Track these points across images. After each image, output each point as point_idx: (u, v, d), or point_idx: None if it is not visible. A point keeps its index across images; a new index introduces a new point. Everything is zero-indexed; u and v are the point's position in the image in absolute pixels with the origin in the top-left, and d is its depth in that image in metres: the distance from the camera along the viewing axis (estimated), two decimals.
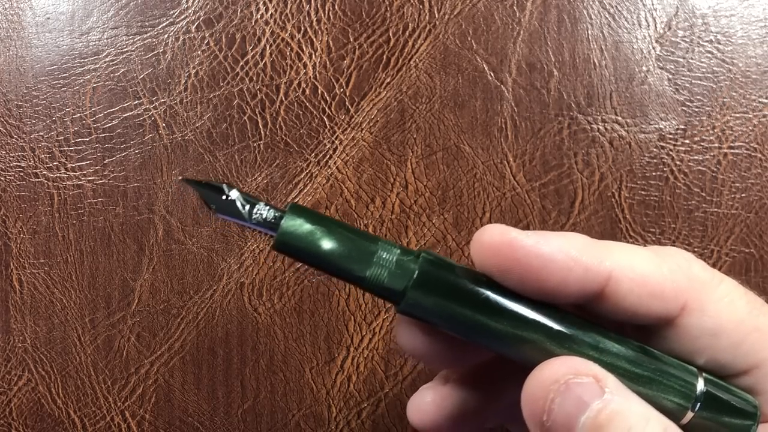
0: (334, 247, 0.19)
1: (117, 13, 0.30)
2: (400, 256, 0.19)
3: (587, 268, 0.19)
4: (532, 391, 0.18)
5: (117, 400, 0.30)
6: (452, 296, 0.19)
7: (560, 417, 0.18)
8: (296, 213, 0.19)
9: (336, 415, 0.30)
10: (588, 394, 0.18)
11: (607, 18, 0.30)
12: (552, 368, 0.18)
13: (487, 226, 0.19)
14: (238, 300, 0.30)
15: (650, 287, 0.20)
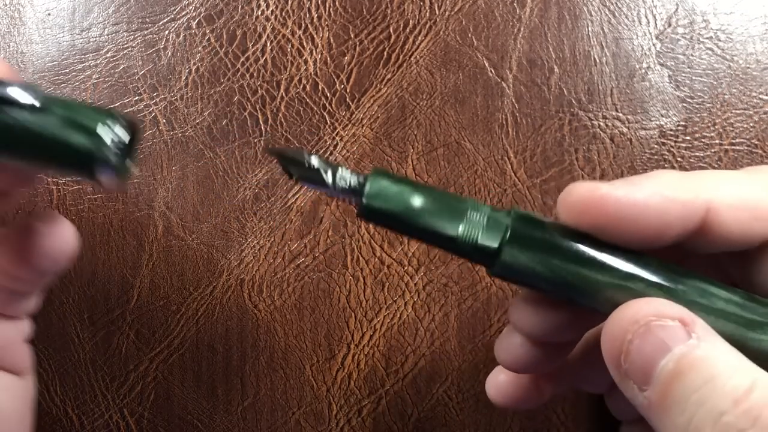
0: (423, 206, 0.18)
1: (118, 9, 0.30)
2: (491, 213, 0.19)
3: (684, 204, 0.18)
4: (611, 332, 0.18)
5: (116, 398, 0.30)
6: (548, 251, 0.18)
7: (638, 360, 0.17)
8: (381, 175, 0.19)
9: (336, 413, 0.29)
10: (671, 338, 0.17)
11: (607, 15, 0.30)
12: (633, 309, 0.17)
13: (573, 185, 0.19)
14: (238, 297, 0.30)
15: (750, 209, 0.19)
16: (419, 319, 0.30)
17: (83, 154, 0.18)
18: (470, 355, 0.29)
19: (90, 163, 0.18)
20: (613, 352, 0.17)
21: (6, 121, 0.18)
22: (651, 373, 0.17)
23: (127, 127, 0.19)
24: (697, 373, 0.16)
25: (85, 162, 0.18)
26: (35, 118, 0.18)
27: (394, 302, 0.30)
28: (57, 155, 0.19)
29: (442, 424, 0.29)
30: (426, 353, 0.30)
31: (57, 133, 0.18)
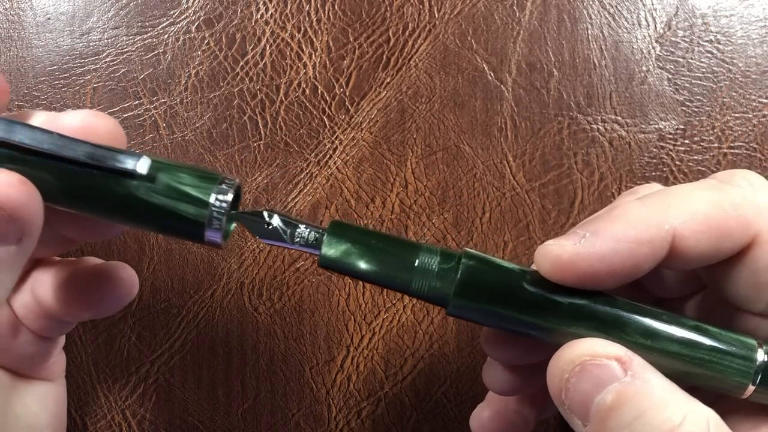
0: (374, 265, 0.20)
1: (117, 13, 0.30)
2: (440, 265, 0.20)
3: (651, 242, 0.19)
4: (552, 372, 0.19)
5: (117, 399, 0.30)
6: (495, 296, 0.19)
7: (576, 396, 0.18)
8: (335, 233, 0.20)
9: (336, 415, 0.30)
10: (606, 375, 0.18)
11: (606, 18, 0.30)
12: (570, 349, 0.18)
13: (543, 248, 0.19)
14: (239, 299, 0.30)
15: (715, 230, 0.19)
16: (418, 322, 0.30)
17: (193, 222, 0.19)
18: (468, 358, 0.30)
19: (200, 230, 0.19)
20: (555, 390, 0.18)
21: (116, 191, 0.19)
22: (588, 408, 0.18)
23: (233, 190, 0.19)
24: (629, 407, 0.17)
25: (194, 229, 0.19)
26: (144, 186, 0.19)
27: (393, 305, 0.30)
28: (166, 223, 0.19)
29: (440, 426, 0.30)
30: (425, 356, 0.30)
31: (167, 203, 0.19)
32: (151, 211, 0.19)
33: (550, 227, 0.30)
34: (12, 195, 0.18)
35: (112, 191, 0.19)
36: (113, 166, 0.19)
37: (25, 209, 0.18)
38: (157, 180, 0.19)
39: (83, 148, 0.19)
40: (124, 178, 0.19)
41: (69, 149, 0.19)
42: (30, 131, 0.19)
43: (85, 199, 0.19)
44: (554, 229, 0.30)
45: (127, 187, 0.19)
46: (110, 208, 0.19)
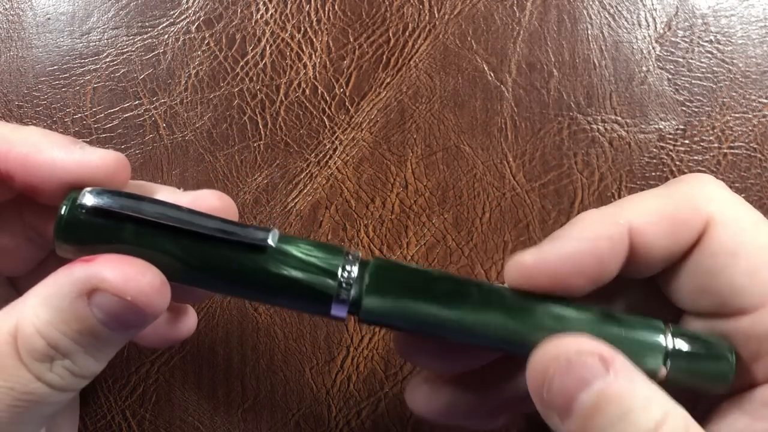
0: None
1: (117, 13, 0.30)
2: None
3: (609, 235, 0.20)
4: (534, 366, 0.19)
5: (117, 399, 0.30)
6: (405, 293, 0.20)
7: (559, 393, 0.18)
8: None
9: (336, 415, 0.30)
10: (590, 373, 0.18)
11: (606, 18, 0.30)
12: (556, 345, 0.19)
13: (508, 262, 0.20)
14: (239, 300, 0.30)
15: (669, 220, 0.20)
16: None
17: (321, 295, 0.19)
18: None
19: (327, 303, 0.19)
20: (536, 385, 0.18)
21: (245, 264, 0.19)
22: (571, 406, 0.18)
23: (358, 263, 0.20)
24: (613, 407, 0.17)
25: (321, 301, 0.19)
26: (272, 259, 0.19)
27: None
28: (293, 296, 0.19)
29: (440, 426, 0.30)
30: None
31: (295, 276, 0.19)
32: (279, 283, 0.19)
33: (550, 227, 0.30)
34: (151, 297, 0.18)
35: (242, 265, 0.19)
36: (243, 239, 0.19)
37: (159, 309, 0.19)
38: (285, 253, 0.19)
39: (212, 222, 0.19)
40: (253, 251, 0.19)
41: (198, 224, 0.19)
42: (159, 206, 0.19)
43: (211, 274, 0.19)
44: (554, 230, 0.30)
45: (255, 260, 0.19)
46: (236, 282, 0.19)
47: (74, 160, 0.19)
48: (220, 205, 0.21)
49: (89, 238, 0.19)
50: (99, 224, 0.19)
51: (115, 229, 0.19)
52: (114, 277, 0.18)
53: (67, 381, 0.19)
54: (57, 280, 0.18)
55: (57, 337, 0.18)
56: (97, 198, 0.19)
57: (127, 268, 0.18)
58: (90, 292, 0.18)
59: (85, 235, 0.19)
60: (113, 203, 0.19)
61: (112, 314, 0.18)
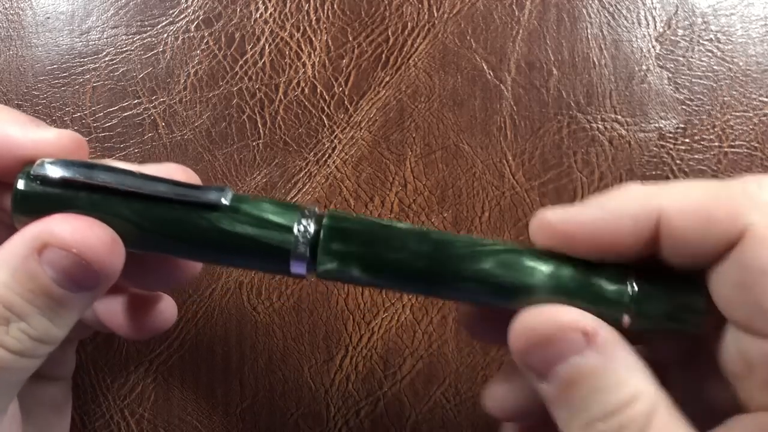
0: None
1: (116, 12, 0.30)
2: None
3: (635, 215, 0.19)
4: (514, 334, 0.19)
5: (116, 398, 0.30)
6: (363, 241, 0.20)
7: (538, 361, 0.18)
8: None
9: (334, 414, 0.30)
10: (570, 348, 0.18)
11: (606, 17, 0.30)
12: (537, 315, 0.19)
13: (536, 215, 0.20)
14: (237, 299, 0.30)
15: (703, 214, 0.19)
16: (417, 321, 0.30)
17: (278, 251, 0.19)
18: (468, 358, 0.30)
19: (285, 258, 0.19)
20: (516, 351, 0.19)
21: (200, 224, 0.19)
22: (547, 373, 0.18)
23: (315, 220, 0.20)
24: (586, 382, 0.18)
25: (279, 257, 0.19)
26: (227, 217, 0.19)
27: (392, 305, 0.30)
28: (251, 254, 0.19)
29: (439, 426, 0.30)
30: (424, 355, 0.30)
31: (251, 233, 0.19)
32: (236, 241, 0.19)
33: None
34: (101, 252, 0.18)
35: (196, 225, 0.19)
36: (197, 199, 0.19)
37: (111, 267, 0.19)
38: (240, 211, 0.19)
39: (164, 184, 0.19)
40: (208, 210, 0.19)
41: (152, 187, 0.19)
42: (111, 172, 0.19)
43: (169, 236, 0.19)
44: None
45: (210, 219, 0.19)
46: (194, 243, 0.19)
47: (30, 139, 0.19)
48: (185, 178, 0.21)
49: (45, 208, 0.19)
50: (53, 194, 0.19)
51: (69, 197, 0.19)
52: (61, 231, 0.18)
53: (24, 344, 0.18)
54: (10, 242, 0.18)
55: (11, 298, 0.18)
56: (51, 167, 0.19)
57: (76, 223, 0.18)
58: (40, 248, 0.18)
59: (40, 206, 0.19)
60: (66, 172, 0.19)
61: (63, 271, 0.18)
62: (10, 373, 0.19)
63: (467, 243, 0.20)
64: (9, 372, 0.19)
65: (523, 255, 0.20)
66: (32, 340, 0.19)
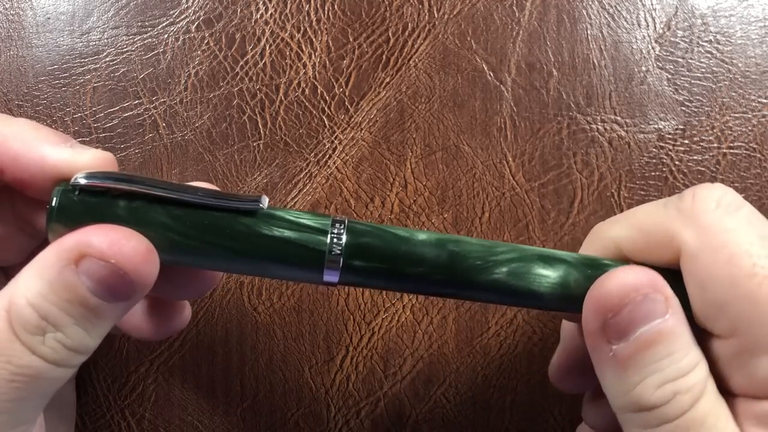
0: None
1: (117, 13, 0.30)
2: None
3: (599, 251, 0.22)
4: (608, 289, 0.19)
5: (117, 399, 0.30)
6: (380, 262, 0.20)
7: (625, 320, 0.19)
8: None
9: (335, 414, 0.30)
10: (655, 310, 0.19)
11: (606, 18, 0.30)
12: (637, 276, 0.19)
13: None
14: (238, 299, 0.30)
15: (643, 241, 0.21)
16: (417, 321, 0.30)
17: (314, 254, 0.20)
18: (468, 358, 0.30)
19: (320, 264, 0.20)
20: (604, 307, 0.19)
21: (238, 229, 0.20)
22: (629, 334, 0.19)
23: (346, 227, 0.20)
24: (663, 345, 0.19)
25: (314, 262, 0.20)
26: (263, 223, 0.20)
27: (392, 305, 0.30)
28: (289, 258, 0.20)
29: (439, 426, 0.30)
30: (424, 356, 0.30)
31: (287, 236, 0.20)
32: (272, 245, 0.20)
33: (550, 227, 0.30)
34: (137, 262, 0.19)
35: (235, 230, 0.20)
36: (235, 205, 0.20)
37: (147, 277, 0.19)
38: (275, 216, 0.20)
39: (202, 191, 0.20)
40: (246, 216, 0.20)
41: (190, 195, 0.19)
42: (150, 181, 0.19)
43: (208, 242, 0.20)
44: (554, 229, 0.30)
45: (249, 224, 0.20)
46: (232, 248, 0.20)
47: (64, 159, 0.20)
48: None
49: (83, 218, 0.19)
50: (92, 203, 0.19)
51: (108, 206, 0.19)
52: (99, 242, 0.18)
53: (60, 354, 0.19)
54: (46, 253, 0.19)
55: (47, 308, 0.18)
56: (89, 178, 0.19)
57: (113, 234, 0.19)
58: (77, 259, 0.18)
59: (78, 216, 0.19)
60: (105, 181, 0.19)
61: (100, 281, 0.18)
62: (44, 382, 0.19)
63: (482, 254, 0.21)
64: (44, 382, 0.19)
65: (533, 263, 0.21)
66: (67, 350, 0.19)
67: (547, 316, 0.30)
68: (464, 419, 0.30)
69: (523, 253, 0.21)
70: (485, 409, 0.30)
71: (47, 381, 0.19)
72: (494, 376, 0.30)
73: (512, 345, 0.30)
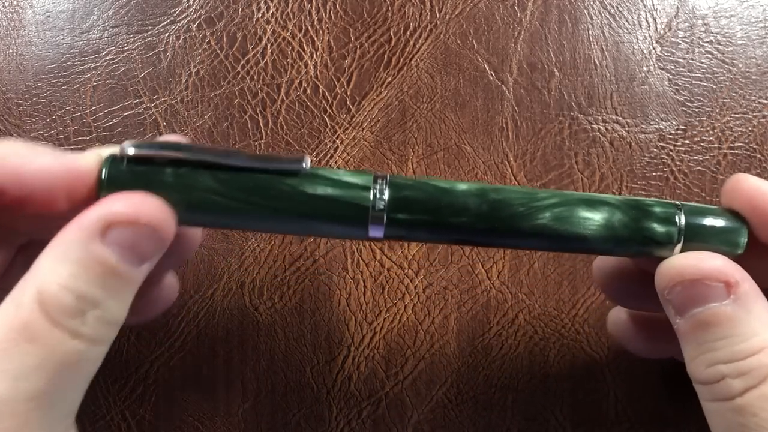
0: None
1: (118, 11, 0.30)
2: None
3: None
4: (661, 272, 0.21)
5: (117, 400, 0.30)
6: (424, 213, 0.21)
7: (679, 299, 0.20)
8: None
9: (336, 415, 0.30)
10: (710, 295, 0.20)
11: (607, 18, 0.30)
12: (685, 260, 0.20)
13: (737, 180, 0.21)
14: (239, 299, 0.30)
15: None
16: (419, 321, 0.30)
17: (358, 209, 0.20)
18: (470, 358, 0.30)
19: (364, 218, 0.20)
20: (661, 286, 0.21)
21: (283, 189, 0.20)
22: (685, 311, 0.20)
23: (388, 182, 0.20)
24: (719, 328, 0.19)
25: (358, 217, 0.20)
26: (307, 182, 0.20)
27: (394, 305, 0.30)
28: (334, 215, 0.20)
29: (441, 426, 0.30)
30: (426, 356, 0.30)
31: (332, 193, 0.20)
32: (318, 204, 0.20)
33: None
34: (160, 218, 0.19)
35: (280, 190, 0.20)
36: (278, 167, 0.20)
37: (170, 231, 0.19)
38: (318, 175, 0.20)
39: (245, 155, 0.20)
40: (289, 176, 0.20)
41: (234, 158, 0.20)
42: (193, 148, 0.20)
43: (254, 203, 0.20)
44: None
45: (293, 184, 0.20)
46: (278, 208, 0.20)
47: (64, 165, 0.20)
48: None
49: (132, 187, 0.20)
50: (140, 172, 0.20)
51: (156, 173, 0.20)
52: (125, 207, 0.19)
53: (101, 331, 0.19)
54: (67, 235, 0.19)
55: (84, 288, 0.18)
56: (137, 147, 0.20)
57: (132, 198, 0.19)
58: (103, 231, 0.18)
59: (128, 185, 0.20)
60: (152, 150, 0.20)
61: (129, 246, 0.19)
62: (88, 363, 0.19)
63: (524, 200, 0.21)
64: (87, 363, 0.19)
65: (577, 206, 0.21)
66: (107, 324, 0.19)
67: (548, 316, 0.30)
68: (466, 419, 0.30)
69: (566, 197, 0.21)
70: (487, 408, 0.30)
71: (90, 361, 0.19)
72: (496, 375, 0.30)
73: (514, 345, 0.30)
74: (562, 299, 0.30)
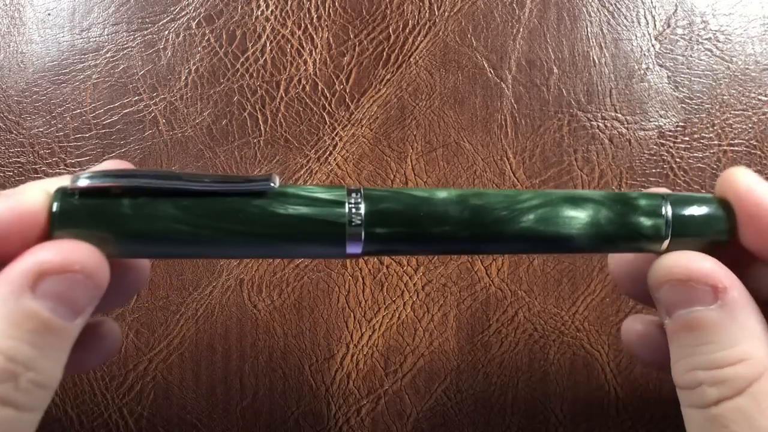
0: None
1: (118, 9, 0.30)
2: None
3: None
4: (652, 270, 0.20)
5: (115, 397, 0.30)
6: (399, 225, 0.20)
7: (665, 299, 0.20)
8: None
9: (335, 412, 0.30)
10: (694, 298, 0.19)
11: (606, 15, 0.30)
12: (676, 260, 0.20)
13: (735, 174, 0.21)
14: (238, 296, 0.30)
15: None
16: (418, 319, 0.30)
17: (333, 227, 0.19)
18: (469, 355, 0.30)
19: (341, 236, 0.19)
20: (651, 284, 0.20)
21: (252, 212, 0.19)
22: (672, 314, 0.20)
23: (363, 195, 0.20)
24: (700, 333, 0.19)
25: (335, 236, 0.19)
26: (277, 202, 0.19)
27: (393, 302, 0.30)
28: (308, 235, 0.19)
29: (440, 423, 0.30)
30: (425, 353, 0.30)
31: (303, 213, 0.19)
32: (290, 224, 0.19)
33: None
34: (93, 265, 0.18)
35: (248, 213, 0.19)
36: (245, 188, 0.19)
37: (105, 278, 0.18)
38: (288, 194, 0.19)
39: (208, 178, 0.19)
40: (257, 197, 0.19)
41: (196, 182, 0.19)
42: (151, 173, 0.19)
43: (221, 229, 0.19)
44: None
45: (262, 205, 0.19)
46: (247, 233, 0.19)
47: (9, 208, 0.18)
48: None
49: (87, 222, 0.18)
50: (95, 205, 0.18)
51: (111, 206, 0.18)
52: (55, 255, 0.17)
53: (33, 396, 0.17)
54: None
55: (14, 347, 0.17)
56: (89, 178, 0.18)
57: (60, 244, 0.18)
58: (33, 283, 0.17)
59: (82, 220, 0.18)
60: (105, 180, 0.18)
61: (61, 296, 0.17)
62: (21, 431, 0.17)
63: (506, 203, 0.20)
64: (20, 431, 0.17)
65: (560, 206, 0.20)
66: (41, 388, 0.17)
67: (548, 314, 0.30)
68: (465, 417, 0.30)
69: (548, 197, 0.20)
70: (486, 406, 0.30)
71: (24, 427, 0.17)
72: (495, 373, 0.30)
73: (513, 342, 0.30)
74: (561, 296, 0.30)
